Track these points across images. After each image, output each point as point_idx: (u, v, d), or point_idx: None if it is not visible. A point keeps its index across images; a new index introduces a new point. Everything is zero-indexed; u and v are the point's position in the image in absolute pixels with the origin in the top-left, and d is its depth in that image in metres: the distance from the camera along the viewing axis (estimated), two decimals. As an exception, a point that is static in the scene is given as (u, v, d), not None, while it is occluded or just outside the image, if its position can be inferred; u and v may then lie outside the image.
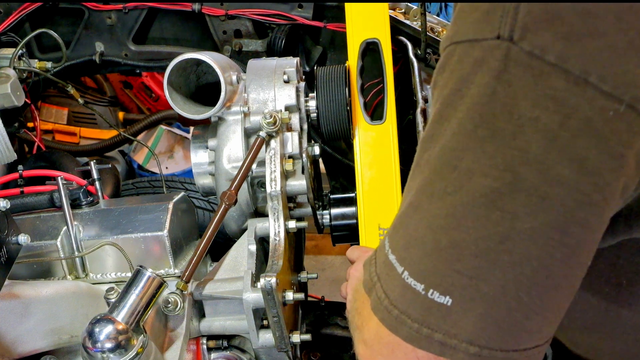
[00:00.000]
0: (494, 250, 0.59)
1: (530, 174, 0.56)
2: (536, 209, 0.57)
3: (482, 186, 0.58)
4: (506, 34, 0.56)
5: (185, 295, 1.17)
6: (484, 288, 0.59)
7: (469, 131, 0.59)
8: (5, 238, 0.99)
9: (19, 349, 1.00)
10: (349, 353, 1.76)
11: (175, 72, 1.27)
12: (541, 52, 0.55)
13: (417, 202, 0.64)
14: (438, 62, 0.65)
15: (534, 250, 0.58)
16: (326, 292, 1.91)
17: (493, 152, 0.58)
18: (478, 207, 0.59)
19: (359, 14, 1.47)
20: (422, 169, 0.65)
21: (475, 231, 0.59)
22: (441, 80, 0.63)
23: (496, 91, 0.57)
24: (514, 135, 0.56)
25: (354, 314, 0.81)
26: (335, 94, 1.37)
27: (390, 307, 0.66)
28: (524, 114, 0.56)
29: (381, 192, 1.38)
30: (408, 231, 0.65)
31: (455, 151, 0.60)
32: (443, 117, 0.62)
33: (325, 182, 1.76)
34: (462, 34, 0.61)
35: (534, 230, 0.57)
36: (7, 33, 1.82)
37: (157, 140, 3.33)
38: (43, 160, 1.80)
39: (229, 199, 1.22)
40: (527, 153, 0.56)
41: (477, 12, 0.59)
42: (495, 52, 0.57)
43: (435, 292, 0.61)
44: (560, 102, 0.55)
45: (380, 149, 1.40)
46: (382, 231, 1.36)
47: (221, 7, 1.78)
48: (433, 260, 0.62)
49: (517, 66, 0.56)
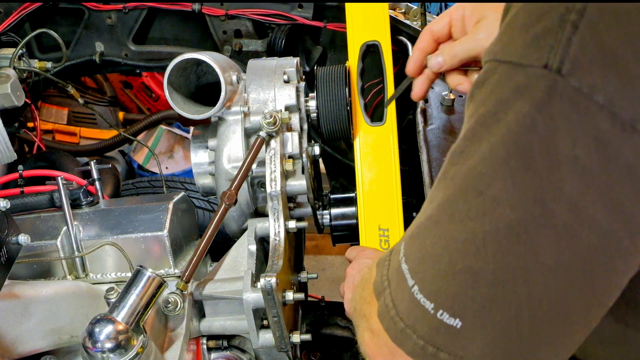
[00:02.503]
0: (512, 282, 0.58)
1: (562, 211, 0.55)
2: (562, 247, 0.56)
3: (507, 218, 0.57)
4: (555, 65, 0.53)
5: (185, 295, 1.18)
6: (497, 316, 0.59)
7: (501, 159, 0.57)
8: (5, 238, 0.98)
9: (19, 349, 1.00)
10: (349, 353, 1.77)
11: (175, 72, 1.27)
12: (590, 90, 0.52)
13: (437, 218, 0.63)
14: (478, 75, 0.62)
15: (554, 287, 0.57)
16: (326, 292, 1.92)
17: (524, 185, 0.56)
18: (500, 238, 0.57)
19: (360, 15, 1.47)
20: (447, 184, 0.63)
21: (495, 261, 0.58)
22: (479, 95, 0.61)
23: (536, 123, 0.54)
24: (549, 171, 0.55)
25: (360, 303, 0.80)
26: (335, 93, 1.37)
27: (396, 318, 0.66)
28: (563, 151, 0.54)
29: (381, 192, 1.38)
30: (424, 245, 0.64)
31: (484, 177, 0.58)
32: (476, 137, 0.60)
33: (325, 182, 1.76)
34: (507, 53, 0.58)
35: (557, 268, 0.56)
36: (7, 33, 1.82)
37: (157, 140, 3.33)
38: (43, 160, 1.80)
39: (229, 199, 1.22)
40: (561, 190, 0.55)
41: (527, 34, 0.56)
42: (540, 82, 0.54)
43: (445, 313, 0.61)
44: (603, 145, 0.53)
45: (381, 150, 1.40)
46: (382, 231, 1.36)
47: (221, 7, 1.78)
48: (446, 282, 0.61)
49: (562, 101, 0.53)
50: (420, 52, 1.11)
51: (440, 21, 1.07)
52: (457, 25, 1.05)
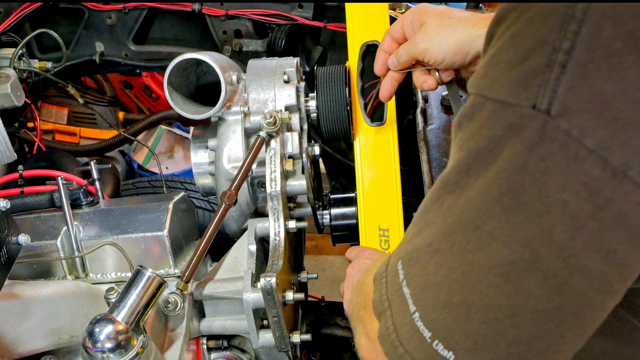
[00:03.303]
0: (502, 323, 0.57)
1: (550, 257, 0.54)
2: (552, 292, 0.55)
3: (500, 255, 0.56)
4: (543, 106, 0.51)
5: (185, 295, 1.18)
6: (487, 355, 0.59)
7: (495, 197, 0.56)
8: (5, 238, 0.98)
9: (19, 349, 1.00)
10: (349, 353, 1.77)
11: (175, 72, 1.27)
12: (579, 134, 0.50)
13: (438, 246, 0.63)
14: (465, 106, 0.61)
15: (544, 332, 0.56)
16: (326, 292, 1.92)
17: (515, 225, 0.55)
18: (493, 275, 0.57)
19: (360, 15, 1.47)
20: (445, 212, 0.62)
21: (487, 298, 0.57)
22: (468, 127, 0.60)
23: (527, 164, 0.53)
24: (539, 214, 0.54)
25: (358, 307, 0.81)
26: (335, 94, 1.37)
27: (396, 343, 0.66)
28: (553, 194, 0.53)
29: (381, 192, 1.38)
30: (426, 272, 0.64)
31: (479, 212, 0.58)
32: (471, 170, 0.59)
33: (325, 182, 1.76)
34: (494, 90, 0.56)
35: (547, 313, 0.56)
36: (7, 33, 1.82)
37: (157, 140, 3.32)
38: (43, 160, 1.80)
39: (229, 199, 1.22)
40: (551, 235, 0.53)
41: (514, 72, 0.54)
42: (531, 123, 0.52)
43: (440, 344, 0.61)
44: (593, 192, 0.51)
45: (381, 150, 1.40)
46: (382, 231, 1.36)
47: (221, 7, 1.78)
48: (443, 313, 0.61)
49: (552, 143, 0.52)
50: (382, 53, 1.20)
51: (396, 25, 1.17)
52: (408, 28, 1.14)
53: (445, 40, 1.05)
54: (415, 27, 1.12)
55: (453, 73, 1.14)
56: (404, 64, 1.15)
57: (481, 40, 1.03)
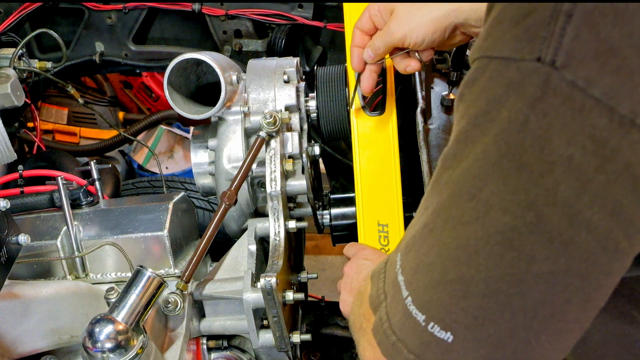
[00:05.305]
0: (506, 293, 0.55)
1: (556, 216, 0.52)
2: (557, 254, 0.53)
3: (499, 222, 0.54)
4: (548, 57, 0.50)
5: (185, 295, 1.17)
6: (490, 330, 0.57)
7: (493, 160, 0.54)
8: (5, 238, 0.98)
9: (19, 349, 1.00)
10: (349, 353, 1.77)
11: (175, 72, 1.27)
12: (585, 84, 0.49)
13: (432, 225, 0.61)
14: (467, 74, 0.59)
15: (550, 296, 0.55)
16: (326, 292, 1.92)
17: (516, 188, 0.53)
18: (492, 245, 0.55)
19: (358, 15, 1.47)
20: (441, 189, 0.61)
21: (487, 270, 0.55)
22: (469, 95, 0.58)
23: (528, 120, 0.51)
24: (541, 173, 0.52)
25: (360, 319, 0.78)
26: (335, 94, 1.37)
27: (389, 331, 0.64)
28: (557, 150, 0.51)
29: (380, 187, 1.36)
30: (419, 254, 0.62)
31: (476, 179, 0.56)
32: (469, 138, 0.57)
33: (325, 182, 1.76)
34: (497, 49, 0.54)
35: (553, 275, 0.54)
36: (7, 33, 1.82)
37: (157, 140, 3.32)
38: (43, 160, 1.80)
39: (229, 199, 1.22)
40: (555, 194, 0.52)
41: (517, 28, 0.52)
42: (533, 77, 0.51)
43: (436, 326, 0.59)
44: (600, 143, 0.50)
45: (380, 140, 1.37)
46: (381, 227, 1.35)
47: (221, 7, 1.78)
48: (438, 293, 0.59)
49: (556, 96, 0.50)
50: (355, 48, 1.17)
51: (363, 17, 1.15)
52: (377, 18, 1.12)
53: (422, 22, 1.04)
54: (385, 16, 1.09)
55: (432, 52, 1.13)
56: (382, 54, 1.13)
57: (456, 13, 1.01)
